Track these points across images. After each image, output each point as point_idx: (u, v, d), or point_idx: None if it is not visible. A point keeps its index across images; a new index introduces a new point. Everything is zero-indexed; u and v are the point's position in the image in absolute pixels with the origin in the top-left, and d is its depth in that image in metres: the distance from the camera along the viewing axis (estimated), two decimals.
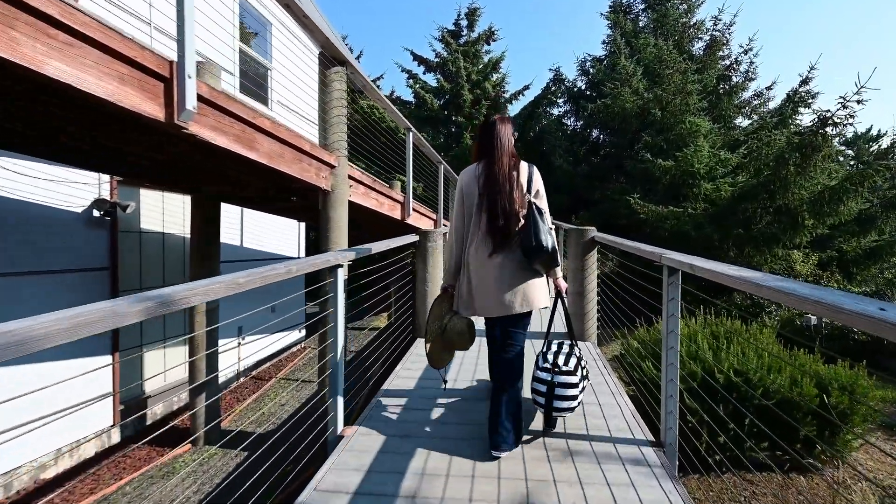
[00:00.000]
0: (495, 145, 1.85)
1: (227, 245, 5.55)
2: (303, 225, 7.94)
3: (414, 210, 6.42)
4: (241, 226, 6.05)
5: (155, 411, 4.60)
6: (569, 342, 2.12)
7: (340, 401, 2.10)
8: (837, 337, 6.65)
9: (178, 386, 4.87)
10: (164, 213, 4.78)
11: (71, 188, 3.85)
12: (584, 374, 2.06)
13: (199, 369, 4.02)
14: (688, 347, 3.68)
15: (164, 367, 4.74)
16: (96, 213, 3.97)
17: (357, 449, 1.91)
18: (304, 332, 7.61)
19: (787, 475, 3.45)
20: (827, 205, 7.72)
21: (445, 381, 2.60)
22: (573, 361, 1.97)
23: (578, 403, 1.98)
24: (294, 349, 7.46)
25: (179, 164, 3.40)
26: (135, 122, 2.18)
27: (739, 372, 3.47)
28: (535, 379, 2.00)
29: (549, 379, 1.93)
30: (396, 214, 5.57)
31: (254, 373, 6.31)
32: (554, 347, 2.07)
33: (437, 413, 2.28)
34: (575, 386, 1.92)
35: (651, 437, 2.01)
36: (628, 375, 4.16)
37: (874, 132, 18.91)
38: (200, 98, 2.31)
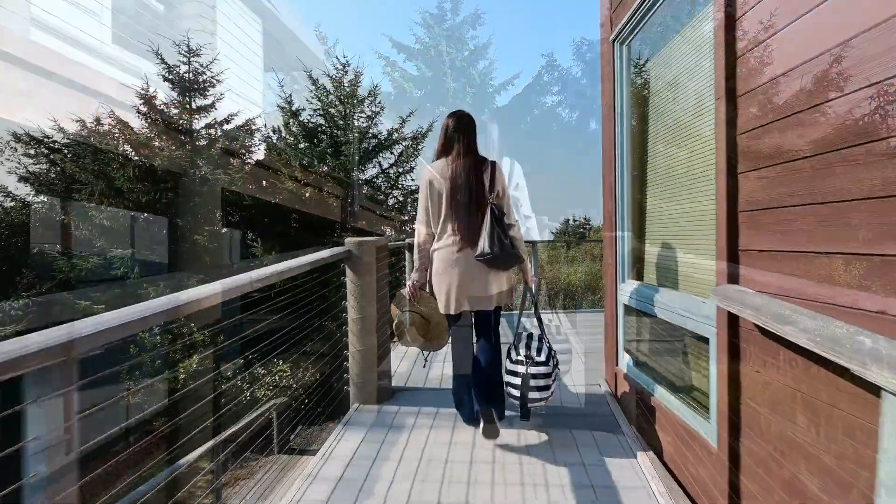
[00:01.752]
0: (469, 142, 1.97)
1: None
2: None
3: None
4: None
5: None
6: (538, 334, 2.11)
7: None
8: None
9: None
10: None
11: None
12: (555, 363, 2.06)
13: None
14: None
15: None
16: None
17: None
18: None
19: None
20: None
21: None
22: (545, 352, 2.02)
23: (552, 393, 1.99)
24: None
25: None
26: None
27: None
28: (508, 372, 2.01)
29: (524, 371, 1.95)
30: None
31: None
32: (524, 340, 2.06)
33: None
34: (548, 376, 1.97)
35: None
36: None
37: None
38: None
